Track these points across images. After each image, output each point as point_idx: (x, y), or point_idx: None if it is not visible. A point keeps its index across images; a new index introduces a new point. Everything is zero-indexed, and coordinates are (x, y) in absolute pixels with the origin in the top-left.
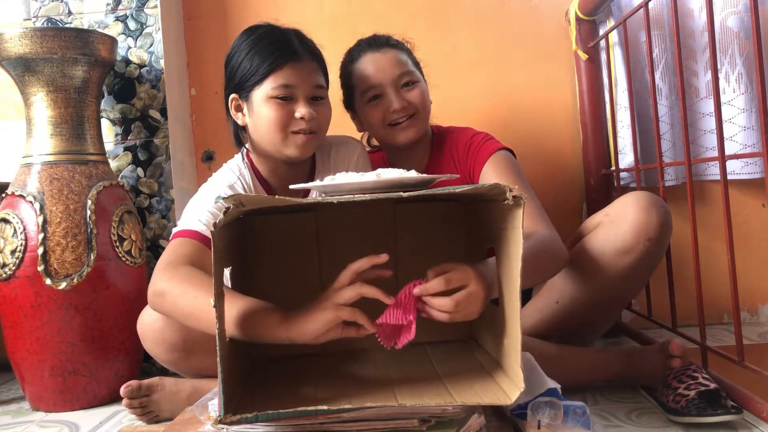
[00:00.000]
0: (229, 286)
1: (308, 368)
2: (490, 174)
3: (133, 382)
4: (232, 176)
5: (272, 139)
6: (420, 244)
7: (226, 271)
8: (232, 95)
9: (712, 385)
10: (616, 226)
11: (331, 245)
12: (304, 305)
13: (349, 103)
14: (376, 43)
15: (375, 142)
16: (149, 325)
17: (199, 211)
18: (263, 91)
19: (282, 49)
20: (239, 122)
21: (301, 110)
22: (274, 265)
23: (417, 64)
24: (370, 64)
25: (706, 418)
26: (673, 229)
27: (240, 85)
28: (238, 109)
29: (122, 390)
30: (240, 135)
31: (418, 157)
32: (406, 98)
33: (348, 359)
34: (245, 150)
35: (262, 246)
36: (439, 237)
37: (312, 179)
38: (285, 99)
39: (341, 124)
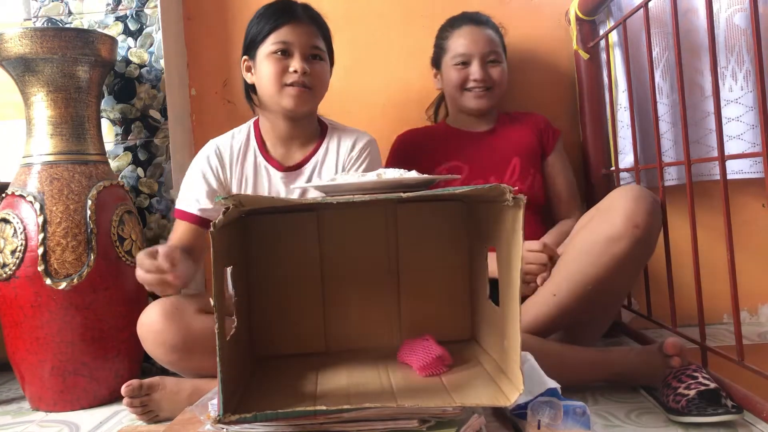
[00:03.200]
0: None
1: (309, 367)
2: (558, 162)
3: (134, 382)
4: (232, 139)
5: (269, 91)
6: (421, 243)
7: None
8: (244, 57)
9: (712, 385)
10: (607, 215)
11: (332, 245)
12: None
13: (436, 62)
14: (478, 19)
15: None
16: (149, 326)
17: (188, 186)
18: (265, 49)
19: (284, 12)
20: (249, 81)
21: (295, 64)
22: (275, 264)
23: (505, 50)
24: (468, 35)
25: (707, 418)
26: (668, 224)
27: (249, 46)
28: (248, 69)
29: (123, 389)
30: (250, 95)
31: (483, 125)
32: (489, 72)
33: (350, 358)
34: (257, 118)
35: (264, 245)
36: (440, 237)
37: (315, 153)
38: (282, 54)
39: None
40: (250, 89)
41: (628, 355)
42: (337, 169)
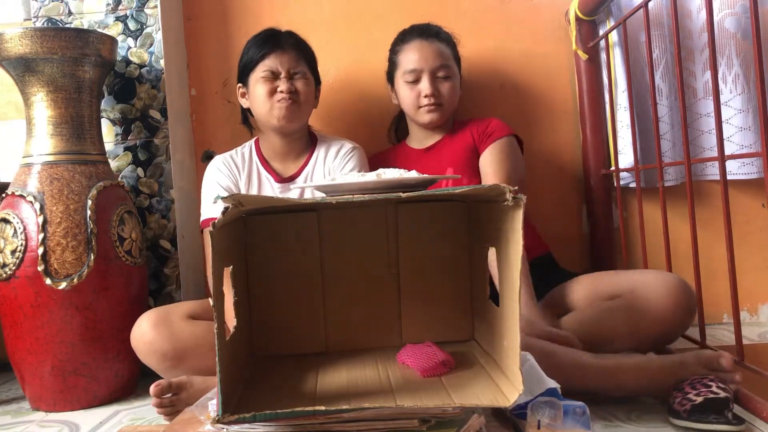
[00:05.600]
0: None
1: (310, 367)
2: (486, 160)
3: (163, 381)
4: (234, 153)
5: (262, 110)
6: (422, 243)
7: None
8: (239, 84)
9: (722, 394)
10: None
11: (333, 244)
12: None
13: (390, 77)
14: (428, 32)
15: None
16: (140, 337)
17: (208, 196)
18: (255, 76)
19: (270, 41)
20: (244, 106)
21: (282, 85)
22: (275, 264)
23: (458, 60)
24: (417, 49)
25: (703, 425)
26: (668, 224)
27: (242, 74)
28: (243, 95)
29: (152, 389)
30: (248, 117)
31: (436, 137)
32: (438, 88)
33: (350, 358)
34: (257, 137)
35: (264, 245)
36: (440, 237)
37: (306, 165)
38: (269, 79)
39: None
40: (247, 113)
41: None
42: (324, 176)
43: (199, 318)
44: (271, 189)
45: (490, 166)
